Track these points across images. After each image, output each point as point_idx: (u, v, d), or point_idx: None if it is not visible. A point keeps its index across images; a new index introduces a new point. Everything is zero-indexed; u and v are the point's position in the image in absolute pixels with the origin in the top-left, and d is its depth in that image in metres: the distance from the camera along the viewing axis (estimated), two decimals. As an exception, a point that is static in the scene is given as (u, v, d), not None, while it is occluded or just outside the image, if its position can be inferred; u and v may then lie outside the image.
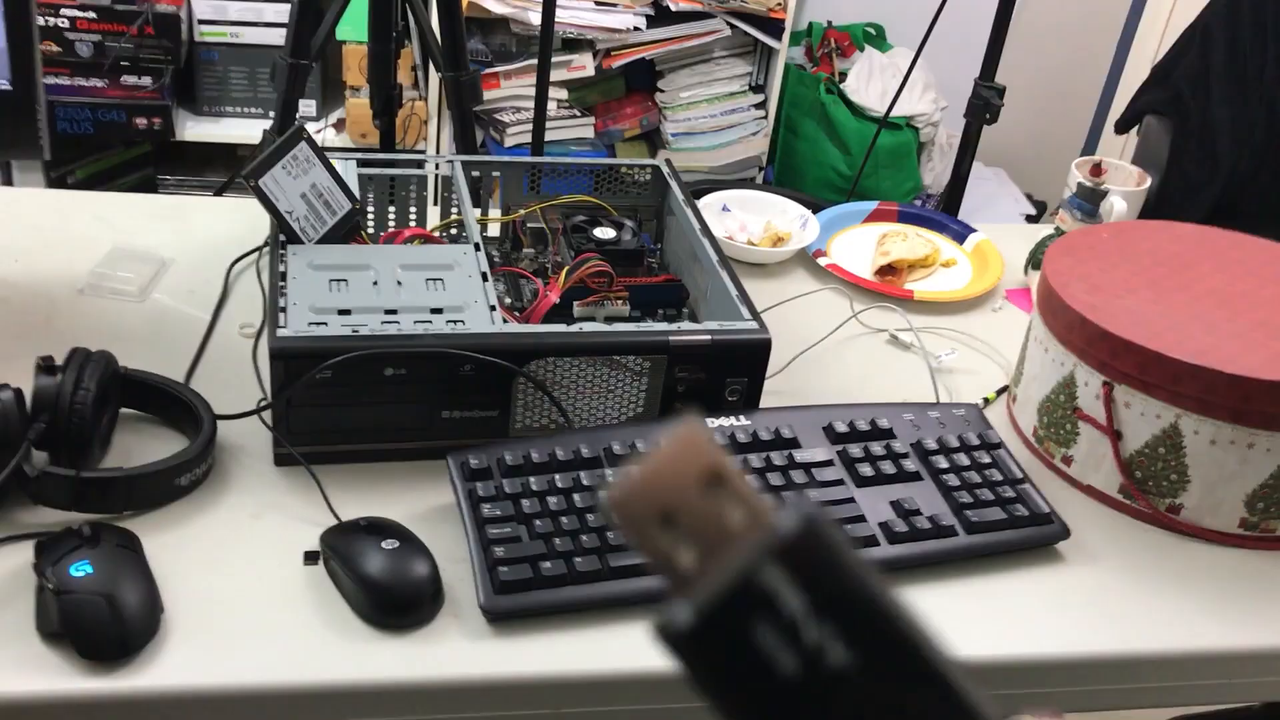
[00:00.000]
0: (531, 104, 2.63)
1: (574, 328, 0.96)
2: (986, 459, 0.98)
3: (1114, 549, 0.97)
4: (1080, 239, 1.12)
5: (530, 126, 2.59)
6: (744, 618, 0.16)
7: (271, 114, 1.75)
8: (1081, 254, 1.10)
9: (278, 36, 2.59)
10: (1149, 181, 1.37)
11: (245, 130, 2.67)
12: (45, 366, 0.88)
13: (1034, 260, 1.33)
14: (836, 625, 0.16)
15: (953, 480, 0.95)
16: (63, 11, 2.41)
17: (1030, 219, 2.93)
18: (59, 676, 0.75)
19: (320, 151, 1.04)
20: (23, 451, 0.83)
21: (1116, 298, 1.03)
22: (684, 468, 0.17)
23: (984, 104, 1.73)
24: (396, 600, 0.82)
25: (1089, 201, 1.30)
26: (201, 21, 2.58)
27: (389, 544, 0.83)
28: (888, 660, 0.16)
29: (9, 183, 2.60)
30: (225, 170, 2.74)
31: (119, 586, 0.77)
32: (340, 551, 0.84)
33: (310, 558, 0.86)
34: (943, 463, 0.96)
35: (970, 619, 0.88)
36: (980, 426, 1.02)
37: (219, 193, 2.26)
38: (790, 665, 0.16)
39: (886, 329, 1.22)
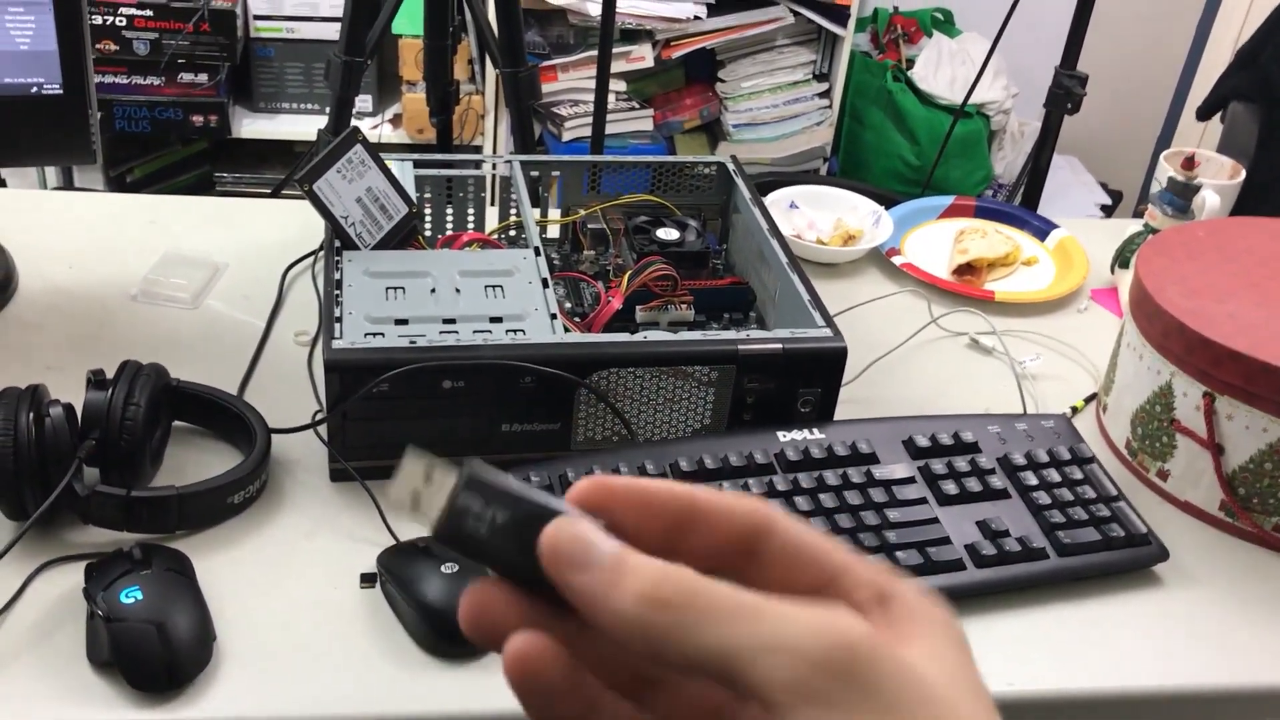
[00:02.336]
0: (589, 96, 2.59)
1: (638, 336, 0.92)
2: (1078, 475, 0.92)
3: (1215, 571, 0.91)
4: (1174, 238, 1.06)
5: (588, 119, 2.55)
6: (460, 518, 0.34)
7: (329, 110, 1.72)
8: (1176, 254, 1.03)
9: (333, 31, 2.57)
10: (1242, 174, 1.30)
11: (301, 127, 2.65)
12: (96, 381, 0.86)
13: (1121, 258, 1.26)
14: (493, 504, 0.34)
15: (1043, 498, 0.89)
16: (120, 10, 2.41)
17: (1105, 209, 2.84)
18: (108, 708, 0.72)
19: (376, 154, 1.00)
20: (73, 470, 0.81)
21: (1217, 302, 0.96)
22: (416, 471, 0.34)
23: (1066, 93, 1.66)
24: (456, 627, 0.77)
25: (1181, 196, 1.23)
26: (257, 17, 2.57)
27: (448, 567, 0.79)
28: (518, 511, 0.34)
29: (70, 181, 2.61)
30: (282, 167, 2.73)
31: (170, 614, 0.74)
32: (398, 574, 0.80)
33: (367, 580, 0.82)
34: (1031, 479, 0.91)
35: (1063, 648, 0.83)
36: (1071, 439, 0.96)
37: (275, 193, 2.25)
38: (483, 529, 0.34)
39: (967, 332, 1.16)
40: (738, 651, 0.31)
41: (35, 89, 1.01)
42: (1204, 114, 2.14)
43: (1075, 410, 1.07)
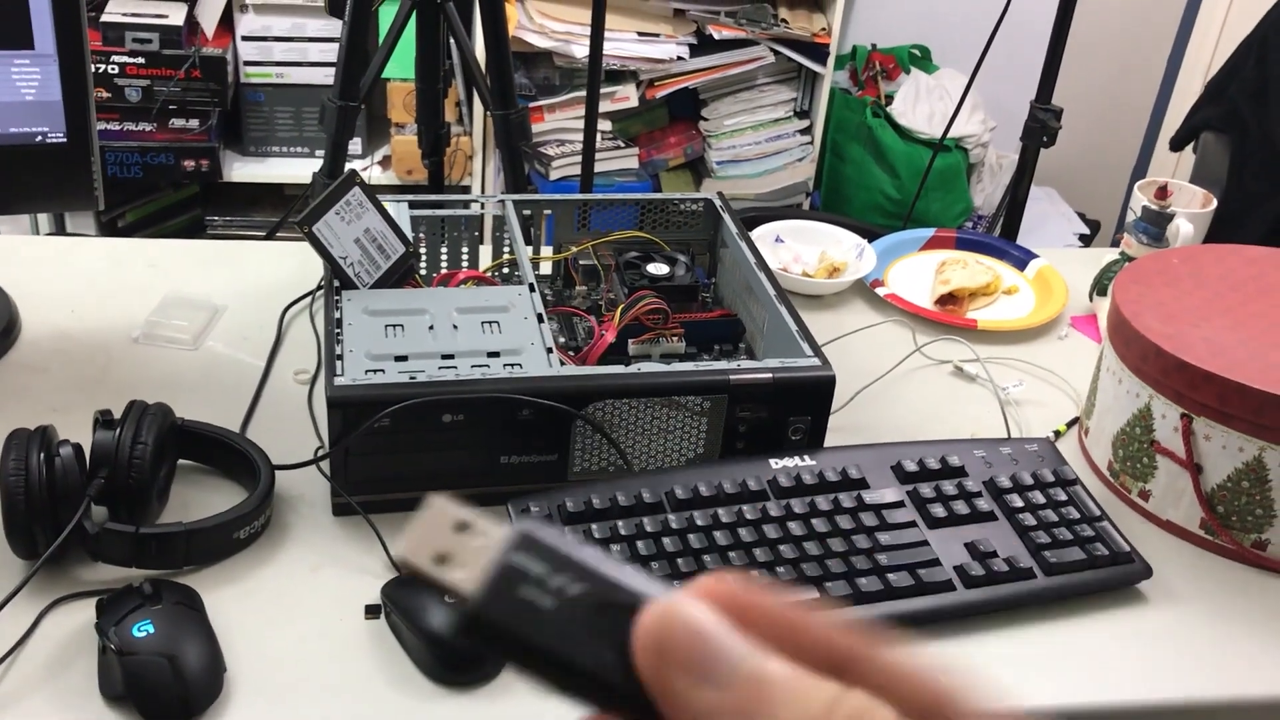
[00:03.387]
0: (576, 136, 2.63)
1: (632, 368, 0.94)
2: (1062, 496, 0.95)
3: (1197, 588, 0.94)
4: (1150, 265, 1.09)
5: (575, 159, 2.59)
6: (511, 585, 0.25)
7: (318, 153, 1.75)
8: (1152, 280, 1.06)
9: (322, 76, 2.61)
10: (1214, 203, 1.33)
11: (292, 170, 2.68)
12: (103, 420, 0.88)
13: (1100, 286, 1.30)
14: (562, 573, 0.25)
15: (1028, 520, 0.92)
16: (113, 59, 2.44)
17: (1084, 239, 2.88)
18: (122, 739, 0.74)
19: (373, 195, 1.03)
20: (83, 508, 0.83)
21: (1192, 326, 1.00)
22: (441, 523, 0.27)
23: (1041, 126, 1.70)
24: (460, 656, 0.80)
25: (1155, 225, 1.26)
26: (247, 63, 2.61)
27: (451, 597, 0.81)
28: (600, 588, 0.25)
29: (62, 228, 2.63)
30: (272, 210, 2.76)
31: (181, 647, 0.76)
32: (402, 605, 0.82)
33: (371, 611, 0.84)
34: (1018, 501, 0.93)
35: (1051, 664, 0.85)
36: (1054, 462, 0.98)
37: (270, 236, 2.27)
38: (547, 601, 0.25)
39: (950, 360, 1.19)
40: None
41: (40, 138, 1.03)
42: (1177, 145, 2.19)
43: (1058, 434, 1.10)
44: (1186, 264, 1.10)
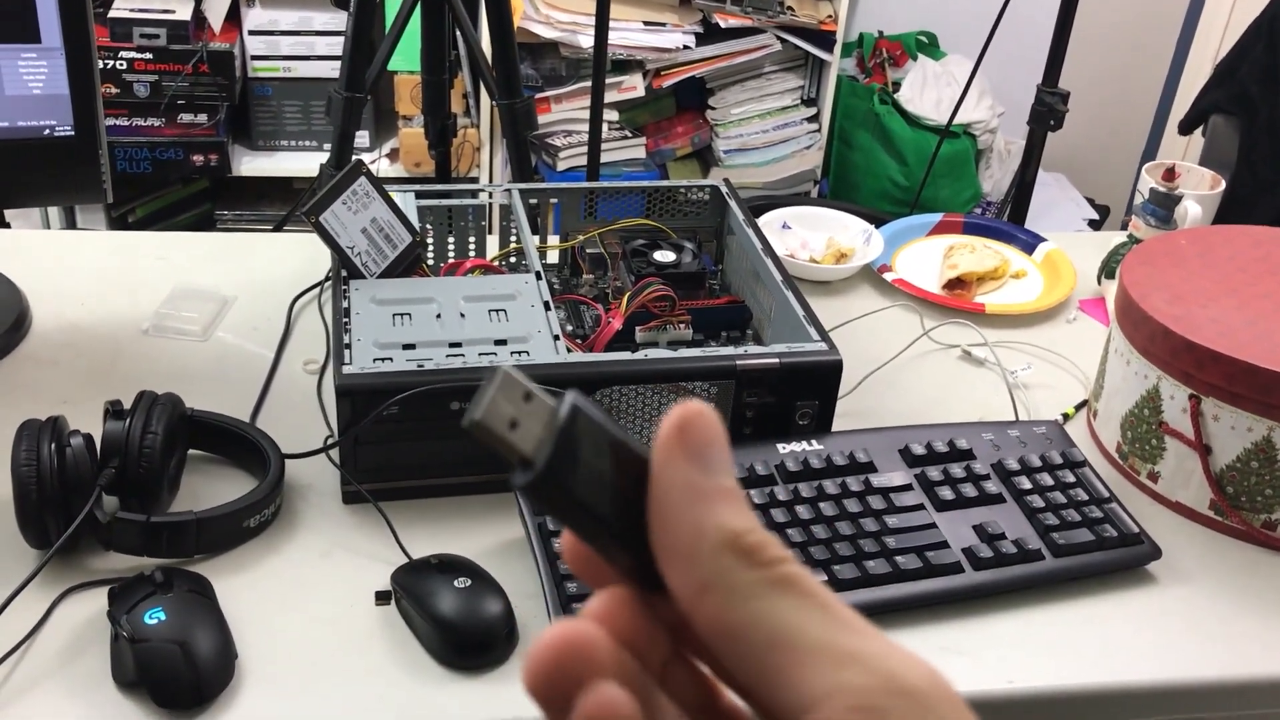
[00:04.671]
0: (583, 127, 2.63)
1: (639, 355, 0.95)
2: (1070, 478, 0.95)
3: (1207, 568, 0.94)
4: (1157, 246, 1.09)
5: (582, 149, 2.59)
6: (568, 452, 0.28)
7: (326, 146, 1.76)
8: (1160, 262, 1.06)
9: (329, 69, 2.61)
10: (1223, 184, 1.33)
11: (300, 163, 2.69)
12: (114, 411, 0.88)
13: (1108, 269, 1.29)
14: (605, 444, 0.29)
15: (1037, 501, 0.92)
16: (121, 54, 2.45)
17: (1093, 224, 2.88)
18: (135, 726, 0.74)
19: (380, 185, 1.03)
20: (94, 498, 0.83)
21: (1200, 307, 0.99)
22: (509, 393, 0.29)
23: (1048, 110, 1.69)
24: (470, 640, 0.80)
25: (1163, 207, 1.26)
26: (254, 57, 2.61)
27: (461, 582, 0.82)
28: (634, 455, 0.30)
29: (73, 223, 2.64)
30: (281, 203, 2.76)
31: (193, 633, 0.77)
32: (412, 591, 0.82)
33: (382, 598, 0.85)
34: (1025, 483, 0.93)
35: (1060, 646, 0.85)
36: (1063, 444, 0.98)
37: (278, 228, 2.28)
38: (596, 467, 0.29)
39: (959, 344, 1.19)
40: (796, 643, 0.27)
41: (48, 131, 1.04)
42: (1185, 128, 2.18)
43: (1067, 417, 1.10)
44: (1194, 245, 1.09)
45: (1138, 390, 1.00)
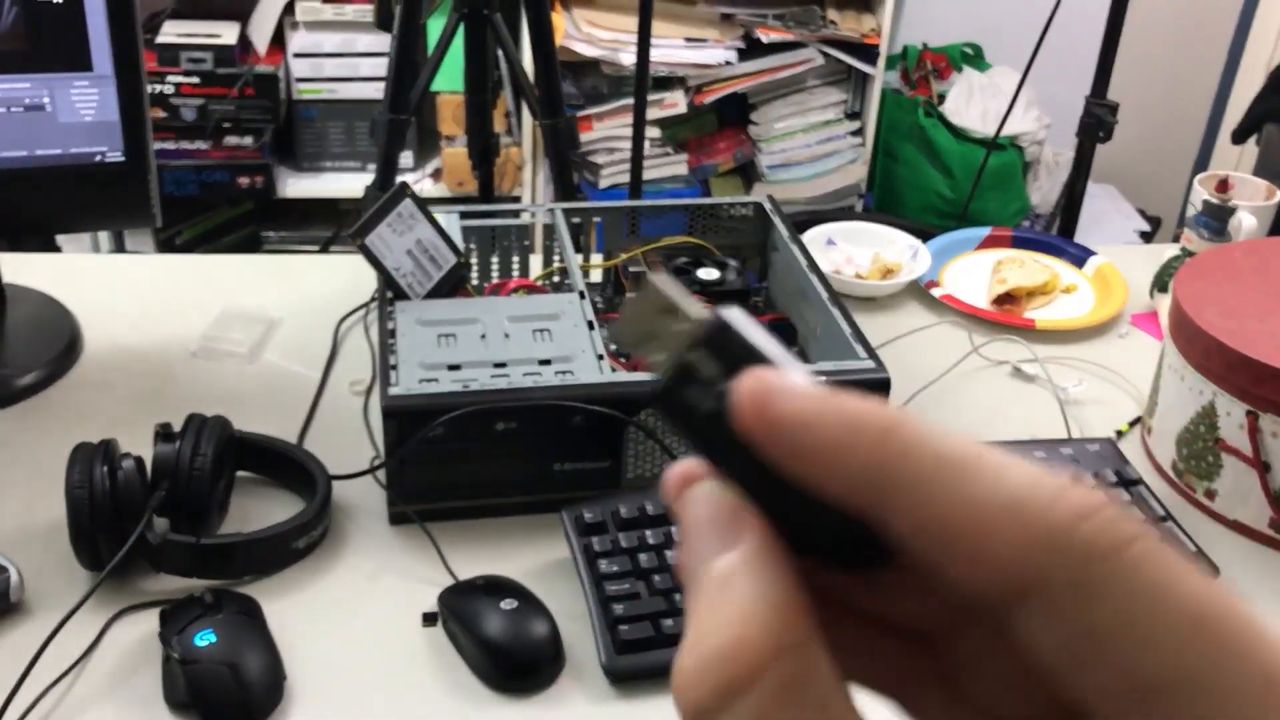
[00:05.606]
0: (625, 144, 2.63)
1: (685, 374, 0.94)
2: (1125, 497, 0.93)
3: (1267, 589, 0.92)
4: (1211, 259, 1.07)
5: (624, 167, 2.59)
6: (683, 382, 0.26)
7: (370, 167, 1.77)
8: (1214, 275, 1.04)
9: (373, 91, 2.64)
10: (1278, 195, 1.30)
11: (344, 184, 2.71)
12: (164, 434, 0.89)
13: (1160, 283, 1.27)
14: (734, 375, 0.25)
15: (1090, 520, 0.90)
16: (168, 79, 2.49)
17: (1145, 236, 2.84)
18: (185, 748, 0.75)
19: (424, 207, 1.04)
20: (145, 520, 0.84)
21: (1256, 320, 0.97)
22: (654, 306, 0.27)
23: (1097, 122, 1.67)
24: (517, 663, 0.80)
25: (1216, 219, 1.24)
26: (299, 80, 2.64)
27: (508, 604, 0.81)
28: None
29: (121, 246, 2.68)
30: (326, 224, 2.79)
31: (243, 655, 0.77)
32: (458, 613, 0.82)
33: (429, 619, 0.85)
34: (1078, 502, 0.92)
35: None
36: (1117, 462, 0.97)
37: (324, 249, 2.30)
38: (709, 404, 0.25)
39: (1008, 361, 1.17)
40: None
41: (99, 157, 1.05)
42: (1239, 137, 2.14)
43: (1120, 434, 1.08)
44: (1249, 258, 1.07)
45: (1193, 406, 0.99)
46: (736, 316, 0.26)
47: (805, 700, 0.23)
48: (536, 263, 1.19)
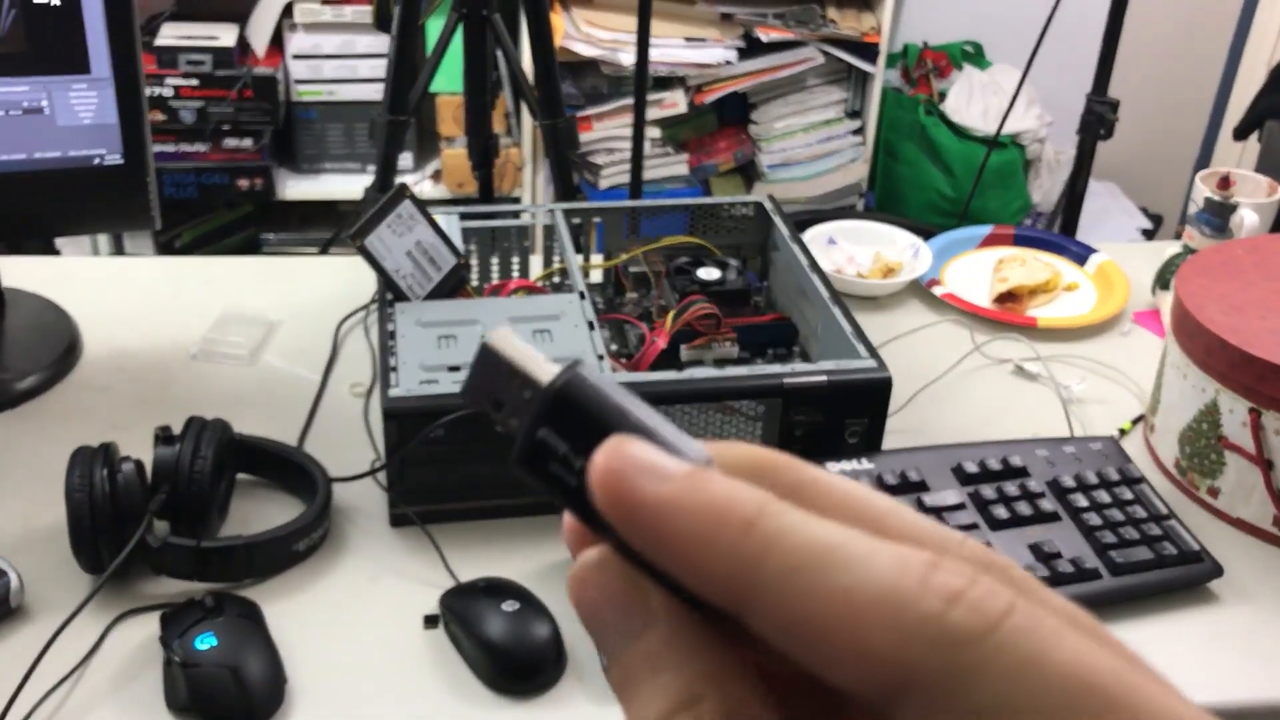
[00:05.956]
0: (625, 144, 2.63)
1: (684, 374, 0.94)
2: (1128, 495, 0.93)
3: (1270, 586, 0.91)
4: (1213, 256, 1.07)
5: (624, 167, 2.59)
6: (541, 458, 0.24)
7: (369, 168, 1.76)
8: (1216, 272, 1.04)
9: (373, 92, 2.63)
10: (1280, 191, 1.30)
11: (344, 186, 2.71)
12: (163, 436, 0.89)
13: (1162, 280, 1.27)
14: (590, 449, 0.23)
15: (1094, 519, 0.90)
16: (167, 81, 2.48)
17: (1147, 234, 2.83)
18: (186, 752, 0.74)
19: (423, 208, 1.03)
20: (146, 524, 0.83)
21: (1259, 318, 0.97)
22: (497, 371, 0.25)
23: (1098, 119, 1.67)
24: (519, 665, 0.80)
25: (1218, 216, 1.24)
26: (298, 81, 2.64)
27: (509, 606, 0.81)
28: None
29: (120, 248, 2.68)
30: (326, 226, 2.78)
31: (243, 658, 0.77)
32: (460, 615, 0.82)
33: (430, 621, 0.84)
34: (1082, 501, 0.91)
35: (1122, 668, 0.83)
36: (1119, 460, 0.96)
37: (323, 251, 2.29)
38: (572, 481, 0.24)
39: (1010, 359, 1.17)
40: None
41: (97, 160, 1.05)
42: (1241, 133, 2.14)
43: (1123, 432, 1.08)
44: (1251, 255, 1.07)
45: (1196, 404, 0.98)
46: (582, 381, 0.24)
47: None
48: (537, 263, 1.19)
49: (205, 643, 0.77)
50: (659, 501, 0.23)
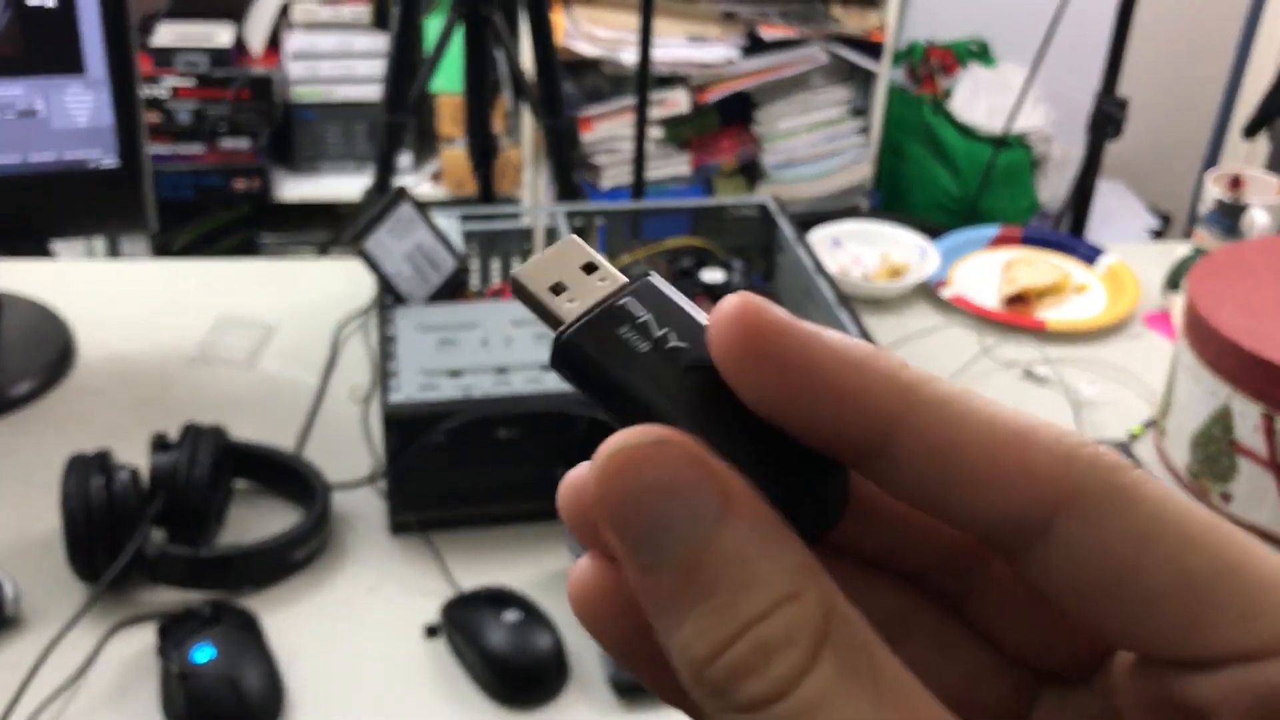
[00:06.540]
0: (626, 144, 2.61)
1: (691, 379, 0.92)
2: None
3: (1287, 593, 0.90)
4: (1224, 258, 1.05)
5: (626, 167, 2.58)
6: (611, 324, 0.24)
7: (368, 169, 1.75)
8: (1228, 274, 1.02)
9: (370, 92, 2.62)
10: (1291, 190, 1.28)
11: (342, 187, 2.69)
12: (160, 443, 0.87)
13: (1173, 281, 1.25)
14: (670, 328, 0.24)
15: (1106, 526, 0.88)
16: (163, 82, 2.47)
17: (1156, 234, 2.82)
18: (182, 766, 0.73)
19: (423, 211, 1.02)
20: (142, 533, 0.82)
21: (1271, 320, 0.95)
22: (568, 259, 0.25)
23: (1107, 118, 1.65)
24: (521, 676, 0.78)
25: (1228, 217, 1.22)
26: (295, 82, 2.62)
27: (511, 615, 0.80)
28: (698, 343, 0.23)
29: (116, 251, 2.66)
30: (324, 228, 2.77)
31: (241, 669, 0.75)
32: (461, 625, 0.81)
33: (431, 632, 0.83)
34: (1093, 507, 0.90)
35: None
36: (1131, 465, 0.95)
37: (322, 252, 2.28)
38: (643, 345, 0.23)
39: (1019, 362, 1.15)
40: None
41: (93, 162, 1.04)
42: (1250, 132, 2.12)
43: (1134, 436, 1.06)
44: (1263, 255, 1.05)
45: (1207, 408, 0.97)
46: (660, 279, 0.24)
47: (860, 665, 0.20)
48: (538, 265, 1.17)
49: (203, 653, 0.76)
50: (808, 328, 0.22)
